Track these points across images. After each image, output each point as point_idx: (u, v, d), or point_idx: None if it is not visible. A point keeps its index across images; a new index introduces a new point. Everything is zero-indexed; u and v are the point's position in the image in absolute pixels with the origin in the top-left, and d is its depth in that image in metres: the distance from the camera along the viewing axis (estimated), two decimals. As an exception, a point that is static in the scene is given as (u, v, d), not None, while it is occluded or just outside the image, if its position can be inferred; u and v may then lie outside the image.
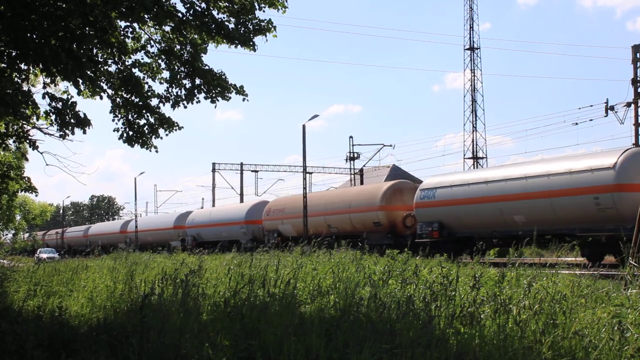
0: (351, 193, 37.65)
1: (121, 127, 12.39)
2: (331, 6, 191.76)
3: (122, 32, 11.67)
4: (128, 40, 12.12)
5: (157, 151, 12.73)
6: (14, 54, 10.43)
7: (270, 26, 11.81)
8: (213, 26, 11.51)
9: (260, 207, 45.42)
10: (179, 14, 11.37)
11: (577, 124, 39.64)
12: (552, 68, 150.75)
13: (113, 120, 12.39)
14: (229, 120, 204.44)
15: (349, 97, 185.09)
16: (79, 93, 11.61)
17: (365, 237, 31.49)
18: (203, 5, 11.48)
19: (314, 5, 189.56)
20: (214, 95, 12.14)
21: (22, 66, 10.99)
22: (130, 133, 12.42)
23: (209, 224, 50.66)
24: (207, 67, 12.09)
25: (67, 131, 11.41)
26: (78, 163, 22.65)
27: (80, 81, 11.07)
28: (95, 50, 11.24)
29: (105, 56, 11.83)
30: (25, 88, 11.72)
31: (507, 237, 25.50)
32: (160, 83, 12.61)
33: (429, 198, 30.15)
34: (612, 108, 35.62)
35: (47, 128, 12.60)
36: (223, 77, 12.13)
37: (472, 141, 57.48)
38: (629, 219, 21.04)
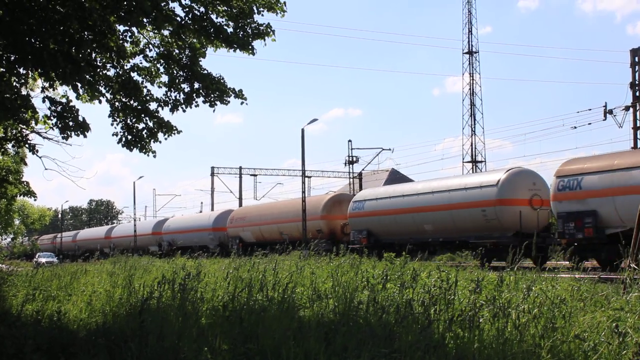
0: (299, 204, 40.99)
1: (120, 132, 12.39)
2: (331, 10, 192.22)
3: (120, 36, 11.67)
4: (127, 45, 12.12)
5: (154, 156, 12.72)
6: (12, 58, 10.43)
7: (269, 30, 11.82)
8: (212, 30, 11.52)
9: (227, 215, 49.38)
10: (178, 18, 11.38)
11: (575, 127, 39.81)
12: (552, 72, 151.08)
13: (112, 124, 12.39)
14: (229, 123, 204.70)
15: (349, 100, 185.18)
16: (78, 97, 11.60)
17: (309, 243, 34.63)
18: (202, 9, 11.50)
19: (314, 9, 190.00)
20: (212, 99, 12.14)
21: (21, 70, 10.99)
22: (129, 137, 12.41)
23: (182, 230, 54.88)
24: (205, 71, 12.10)
25: (67, 135, 11.41)
26: (77, 167, 22.44)
27: (79, 85, 11.07)
28: (93, 55, 11.24)
29: (103, 60, 11.82)
30: (24, 92, 11.72)
31: (420, 243, 29.87)
32: (159, 87, 12.61)
33: (360, 209, 34.55)
34: (610, 112, 35.71)
35: (46, 132, 12.60)
36: (222, 81, 12.13)
37: (471, 145, 57.53)
38: (509, 228, 26.17)
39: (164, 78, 12.51)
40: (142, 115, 12.37)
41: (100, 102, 12.09)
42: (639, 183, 21.48)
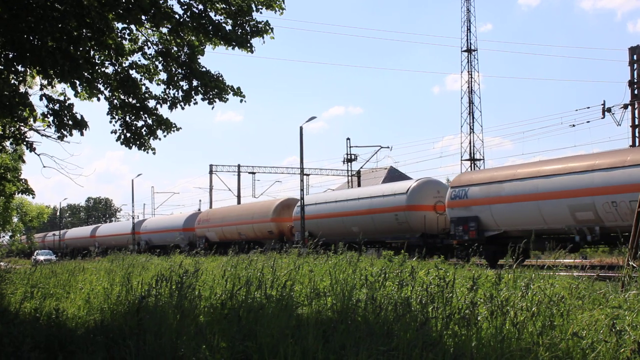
0: (254, 207, 46.28)
1: (119, 129, 12.37)
2: (332, 8, 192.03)
3: (119, 34, 11.65)
4: (125, 42, 12.09)
5: (154, 153, 12.72)
6: (10, 55, 10.41)
7: (267, 27, 11.80)
8: (210, 28, 11.49)
9: (195, 217, 53.71)
10: (176, 16, 11.36)
11: (574, 125, 39.80)
12: (551, 69, 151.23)
13: (110, 122, 12.38)
14: (229, 121, 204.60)
15: (350, 98, 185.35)
16: (76, 95, 11.59)
17: (262, 242, 38.63)
18: (200, 6, 11.47)
19: (315, 7, 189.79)
20: (211, 96, 12.12)
21: (19, 68, 10.97)
22: (128, 135, 12.39)
23: (157, 230, 59.45)
24: (204, 69, 12.07)
25: (64, 133, 11.40)
26: (76, 165, 22.50)
27: (77, 83, 11.06)
28: (92, 52, 11.22)
29: (102, 58, 11.80)
30: (22, 90, 11.70)
31: (350, 243, 31.57)
32: (158, 84, 12.58)
33: None
34: (609, 110, 35.67)
35: (44, 130, 12.57)
36: (220, 78, 12.12)
37: (470, 143, 57.50)
38: (417, 230, 30.69)
39: (163, 75, 12.48)
40: (141, 113, 12.35)
41: (98, 99, 12.08)
42: (508, 194, 25.65)
